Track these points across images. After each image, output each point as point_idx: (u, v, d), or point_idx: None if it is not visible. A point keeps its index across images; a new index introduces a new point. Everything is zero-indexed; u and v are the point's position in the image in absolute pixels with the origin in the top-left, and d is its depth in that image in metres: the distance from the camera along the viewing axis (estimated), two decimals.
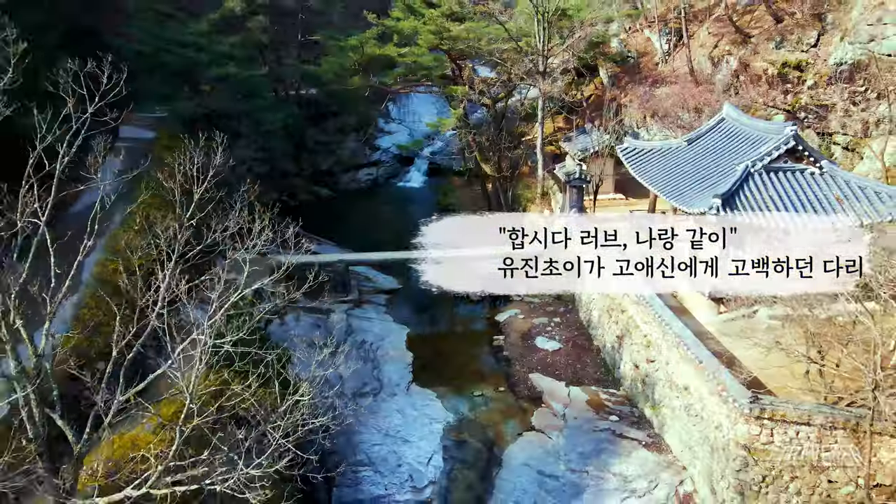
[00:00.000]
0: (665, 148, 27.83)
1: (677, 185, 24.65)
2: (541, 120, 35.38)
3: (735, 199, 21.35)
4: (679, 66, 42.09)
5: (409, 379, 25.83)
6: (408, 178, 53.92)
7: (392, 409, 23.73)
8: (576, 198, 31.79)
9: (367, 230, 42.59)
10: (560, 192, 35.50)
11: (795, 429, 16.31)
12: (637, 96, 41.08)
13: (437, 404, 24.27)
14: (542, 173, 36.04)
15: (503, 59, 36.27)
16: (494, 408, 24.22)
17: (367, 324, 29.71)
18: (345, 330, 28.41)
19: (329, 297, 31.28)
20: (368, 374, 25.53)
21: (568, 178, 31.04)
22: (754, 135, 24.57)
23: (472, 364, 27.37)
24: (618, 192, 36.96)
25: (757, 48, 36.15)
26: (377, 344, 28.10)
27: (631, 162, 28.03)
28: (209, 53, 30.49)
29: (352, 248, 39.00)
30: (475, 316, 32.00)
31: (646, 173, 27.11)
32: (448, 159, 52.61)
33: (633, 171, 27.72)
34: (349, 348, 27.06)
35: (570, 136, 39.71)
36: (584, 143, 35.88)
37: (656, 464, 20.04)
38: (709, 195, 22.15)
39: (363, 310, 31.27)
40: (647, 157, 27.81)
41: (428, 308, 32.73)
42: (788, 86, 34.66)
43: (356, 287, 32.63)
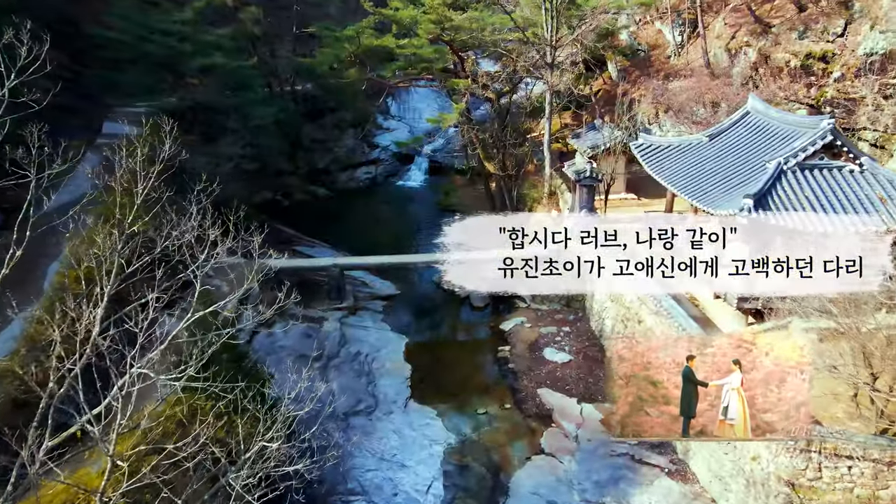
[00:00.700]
0: (684, 144, 25.77)
1: (699, 184, 22.60)
2: (548, 115, 33.31)
3: (767, 198, 19.32)
4: (693, 59, 39.98)
5: (407, 394, 23.76)
6: (408, 177, 51.83)
7: (388, 429, 21.66)
8: (586, 197, 29.72)
9: (364, 231, 40.59)
10: (568, 192, 33.44)
11: (847, 463, 14.23)
12: (649, 91, 39.01)
13: (438, 423, 22.22)
14: (549, 171, 33.97)
15: (508, 51, 34.19)
16: (500, 427, 22.16)
17: (362, 333, 27.64)
18: (338, 340, 26.36)
19: (322, 304, 29.35)
20: (363, 390, 23.48)
21: (578, 177, 28.96)
22: (784, 129, 22.50)
23: (476, 377, 25.32)
24: (629, 192, 34.92)
25: (778, 39, 34.00)
26: (373, 355, 26.04)
27: (647, 159, 26.01)
28: (193, 43, 28.44)
29: (348, 250, 37.01)
30: (478, 324, 29.92)
31: (663, 171, 25.09)
32: (450, 157, 50.51)
33: (649, 168, 25.70)
34: (342, 361, 25.22)
35: (578, 133, 37.62)
36: (594, 140, 33.80)
37: (682, 495, 17.97)
38: (737, 195, 20.15)
39: (359, 317, 29.22)
40: (665, 154, 25.79)
41: (428, 315, 30.69)
42: (812, 78, 32.52)
43: (351, 293, 30.58)
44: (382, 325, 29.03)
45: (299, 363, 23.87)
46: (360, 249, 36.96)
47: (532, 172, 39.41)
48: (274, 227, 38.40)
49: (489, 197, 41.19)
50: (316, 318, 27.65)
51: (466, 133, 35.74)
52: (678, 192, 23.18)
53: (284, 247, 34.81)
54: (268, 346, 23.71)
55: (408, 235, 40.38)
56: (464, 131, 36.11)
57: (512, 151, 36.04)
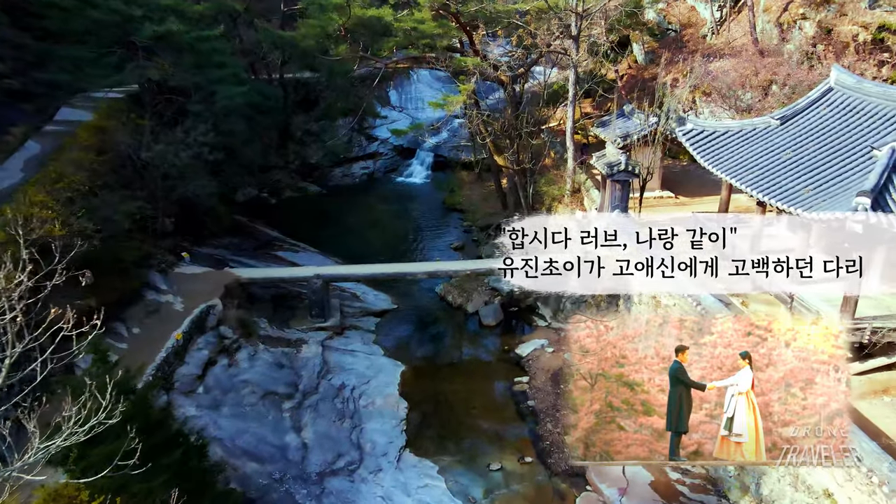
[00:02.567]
0: (747, 129, 20.81)
1: (776, 179, 17.62)
2: (572, 97, 28.32)
3: (885, 196, 14.33)
4: (735, 36, 34.96)
5: (402, 443, 18.81)
6: (409, 173, 46.92)
7: (375, 494, 16.71)
8: (620, 195, 24.78)
9: (359, 234, 35.76)
10: (595, 189, 28.46)
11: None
12: (684, 73, 33.99)
13: (440, 485, 17.28)
14: (572, 165, 28.98)
15: (525, 23, 29.23)
16: (519, 491, 17.23)
17: (349, 359, 22.74)
18: (318, 370, 21.45)
19: (302, 323, 24.52)
20: (345, 438, 18.53)
21: (611, 171, 24.01)
22: (887, 108, 17.48)
23: (488, 418, 20.38)
24: (664, 189, 29.91)
25: (843, 9, 28.99)
26: (360, 388, 21.13)
27: (699, 148, 21.07)
28: (142, 6, 23.58)
29: (340, 255, 32.22)
30: (490, 347, 24.97)
31: (721, 163, 20.15)
32: (455, 152, 45.57)
33: (703, 159, 20.74)
34: (321, 397, 20.34)
35: (604, 121, 32.56)
36: (624, 129, 28.77)
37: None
38: (839, 192, 15.26)
39: (346, 339, 24.31)
40: (723, 142, 20.86)
41: (429, 335, 25.76)
42: (886, 55, 27.56)
43: (338, 309, 25.66)
44: (374, 348, 24.13)
45: (266, 404, 19.16)
46: (352, 255, 32.20)
47: (549, 167, 34.46)
48: (253, 229, 33.66)
49: (500, 195, 36.29)
50: (293, 341, 22.78)
51: (475, 120, 30.73)
52: (747, 189, 18.18)
53: (263, 251, 30.02)
54: (225, 382, 18.81)
55: (408, 239, 35.48)
56: (472, 118, 31.09)
57: (529, 141, 31.03)
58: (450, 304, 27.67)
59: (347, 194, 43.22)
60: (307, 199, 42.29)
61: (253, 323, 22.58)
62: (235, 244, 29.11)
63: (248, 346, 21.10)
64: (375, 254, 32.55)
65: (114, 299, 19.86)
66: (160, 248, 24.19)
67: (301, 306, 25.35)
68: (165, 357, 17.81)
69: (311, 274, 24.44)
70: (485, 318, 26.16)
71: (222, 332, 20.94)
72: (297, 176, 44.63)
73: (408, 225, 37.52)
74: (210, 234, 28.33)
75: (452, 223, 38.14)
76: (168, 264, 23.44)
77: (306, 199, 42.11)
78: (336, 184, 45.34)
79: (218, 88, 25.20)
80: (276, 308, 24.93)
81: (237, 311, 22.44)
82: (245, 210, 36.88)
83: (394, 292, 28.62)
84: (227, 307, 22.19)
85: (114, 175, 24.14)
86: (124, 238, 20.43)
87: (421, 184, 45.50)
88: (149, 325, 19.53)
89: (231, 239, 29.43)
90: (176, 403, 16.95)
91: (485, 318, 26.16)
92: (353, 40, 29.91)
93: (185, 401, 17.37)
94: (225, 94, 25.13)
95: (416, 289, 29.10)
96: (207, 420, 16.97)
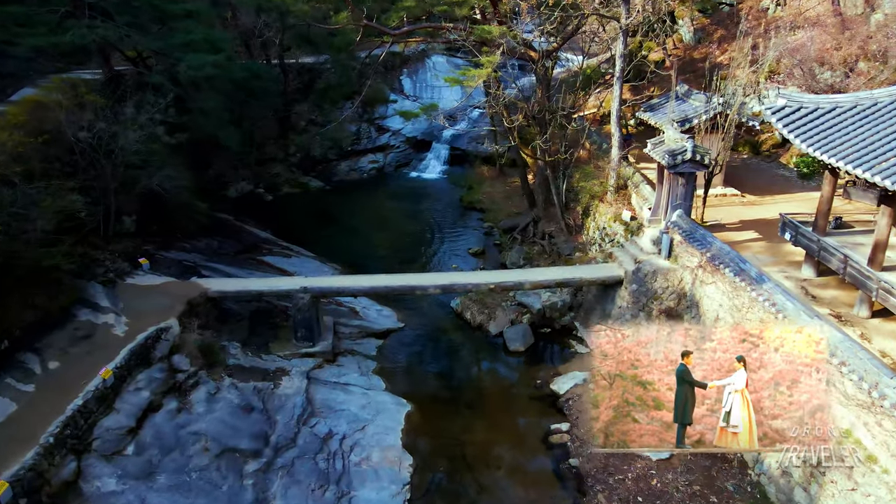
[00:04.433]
0: (864, 104, 15.84)
1: None
2: (618, 74, 23.30)
3: None
4: (807, 7, 29.74)
5: None
6: (423, 167, 42.09)
7: None
8: (683, 191, 19.84)
9: (364, 235, 31.14)
10: (646, 185, 23.46)
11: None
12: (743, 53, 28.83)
13: None
14: (617, 155, 23.95)
15: None
16: None
17: (340, 396, 17.94)
18: (299, 412, 16.67)
19: (286, 347, 19.83)
20: None
21: (673, 161, 19.03)
22: None
23: (517, 483, 15.52)
24: (727, 186, 24.85)
25: None
26: (353, 438, 16.33)
27: (797, 129, 16.25)
28: None
29: (341, 261, 27.53)
30: (518, 379, 20.03)
31: (832, 148, 15.37)
32: (475, 144, 40.67)
33: (802, 143, 15.91)
34: (299, 454, 15.56)
35: (652, 104, 27.63)
36: (682, 112, 23.78)
37: None
38: None
39: (339, 367, 19.55)
40: (829, 121, 15.95)
41: (442, 364, 20.88)
42: None
43: (331, 328, 20.92)
44: (373, 380, 19.33)
45: (221, 467, 14.40)
46: (355, 260, 27.58)
47: (584, 160, 29.48)
48: (239, 229, 28.97)
49: (527, 192, 31.36)
50: (270, 373, 18.05)
51: (499, 102, 25.80)
52: (877, 180, 13.16)
53: (247, 256, 25.30)
54: (169, 437, 14.05)
55: (420, 242, 30.65)
56: (496, 99, 26.15)
57: (564, 126, 26.08)
58: (468, 322, 22.86)
59: (353, 190, 38.54)
60: (308, 195, 37.69)
61: (220, 349, 17.88)
62: (213, 247, 24.43)
63: (209, 382, 16.38)
64: (381, 259, 27.82)
65: (29, 321, 15.31)
66: (111, 253, 19.61)
67: (286, 325, 20.67)
68: (82, 405, 13.13)
69: (296, 287, 19.66)
70: (511, 342, 21.27)
71: (175, 364, 16.25)
72: (299, 170, 40.13)
73: (420, 226, 32.70)
74: (183, 235, 23.71)
75: (471, 224, 33.30)
76: (118, 273, 18.84)
77: (307, 196, 37.51)
78: (341, 179, 40.70)
79: (183, 56, 20.54)
80: (254, 328, 20.25)
81: (200, 335, 17.76)
82: (235, 207, 32.36)
83: (401, 307, 23.85)
84: (186, 329, 17.51)
85: (58, 162, 19.64)
86: (50, 241, 15.82)
87: (436, 179, 40.71)
88: (74, 357, 14.90)
89: (209, 241, 24.74)
90: (88, 474, 12.26)
91: (511, 342, 21.27)
92: (355, 6, 25.12)
93: (105, 469, 12.65)
94: (192, 64, 20.43)
95: (428, 303, 24.30)
96: (132, 498, 12.26)
